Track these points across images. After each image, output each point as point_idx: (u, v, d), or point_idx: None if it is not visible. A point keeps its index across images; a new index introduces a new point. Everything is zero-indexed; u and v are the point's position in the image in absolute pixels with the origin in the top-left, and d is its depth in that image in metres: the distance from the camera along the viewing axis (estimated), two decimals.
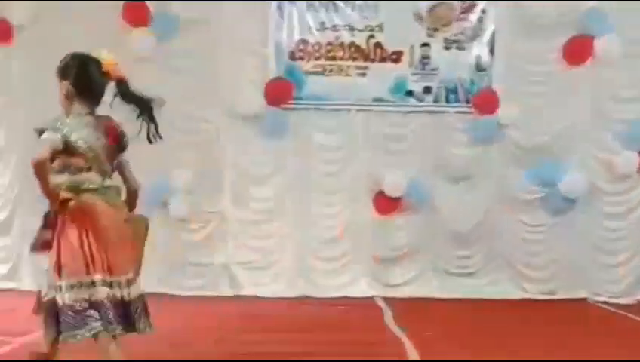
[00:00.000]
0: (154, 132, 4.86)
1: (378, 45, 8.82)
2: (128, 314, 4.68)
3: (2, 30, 8.65)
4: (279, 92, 8.76)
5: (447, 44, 8.84)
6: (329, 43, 8.83)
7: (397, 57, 8.83)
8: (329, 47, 8.84)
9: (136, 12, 8.57)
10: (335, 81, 8.85)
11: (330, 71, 8.86)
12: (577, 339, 6.71)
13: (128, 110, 4.84)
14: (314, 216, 8.89)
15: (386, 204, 8.81)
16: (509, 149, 8.84)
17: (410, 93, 8.86)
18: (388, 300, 8.46)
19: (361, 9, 8.81)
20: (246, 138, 8.81)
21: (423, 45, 8.83)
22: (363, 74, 8.85)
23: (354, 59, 8.85)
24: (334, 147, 8.89)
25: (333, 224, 8.89)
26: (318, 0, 8.79)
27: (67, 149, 4.56)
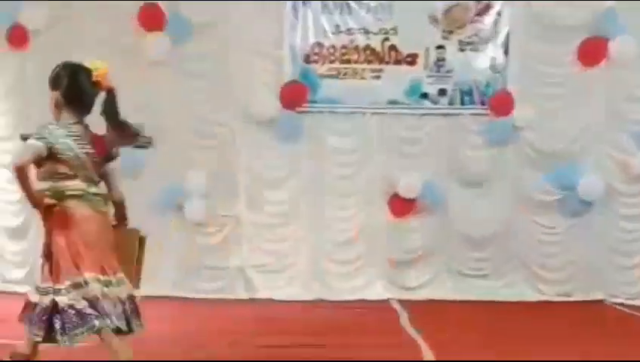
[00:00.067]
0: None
1: (393, 48, 8.81)
2: (124, 313, 4.80)
3: (18, 35, 8.68)
4: (294, 95, 8.76)
5: (461, 46, 8.81)
6: (344, 46, 8.83)
7: (412, 60, 8.81)
8: (344, 50, 8.84)
9: (151, 16, 8.59)
10: (350, 84, 8.85)
11: (344, 74, 8.85)
12: (594, 341, 6.67)
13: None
14: (329, 219, 8.88)
15: (401, 206, 8.80)
16: (524, 151, 8.81)
17: (425, 95, 8.84)
18: (403, 303, 8.45)
19: (375, 11, 8.80)
20: (261, 141, 8.81)
21: (438, 47, 8.80)
22: (378, 77, 8.84)
23: (369, 62, 8.84)
24: (349, 150, 8.87)
25: (347, 227, 8.88)
26: (332, 0, 8.80)
27: (52, 157, 4.71)
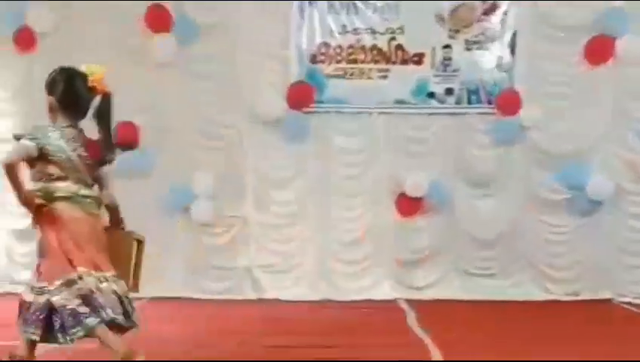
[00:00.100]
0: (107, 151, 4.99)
1: (399, 47, 8.80)
2: (122, 306, 4.82)
3: (25, 38, 8.69)
4: (301, 95, 8.77)
5: (468, 46, 8.81)
6: (350, 46, 8.83)
7: (418, 59, 8.81)
8: (350, 50, 8.84)
9: (158, 17, 8.62)
10: (356, 84, 8.85)
11: (351, 74, 8.86)
12: (602, 340, 6.64)
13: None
14: (335, 219, 8.88)
15: (408, 206, 8.78)
16: (531, 150, 8.79)
17: (431, 94, 8.83)
18: (411, 302, 8.44)
19: (382, 11, 8.80)
20: (267, 142, 8.82)
21: (445, 47, 8.80)
22: (384, 76, 8.84)
23: (375, 61, 8.84)
24: (356, 150, 8.87)
25: (354, 227, 8.88)
26: None
27: (44, 158, 4.76)
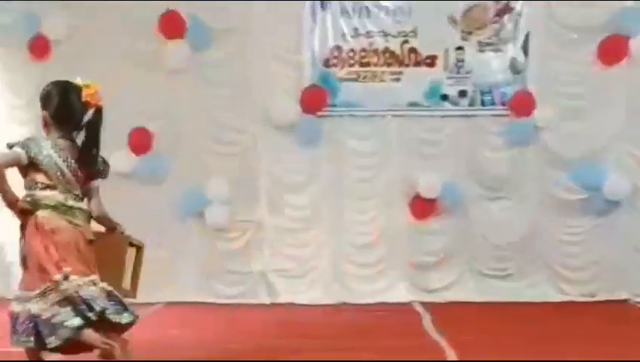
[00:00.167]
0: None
1: (412, 50, 8.79)
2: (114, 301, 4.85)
3: (40, 46, 8.71)
4: (314, 99, 8.77)
5: (481, 47, 8.79)
6: (363, 49, 8.82)
7: (431, 61, 8.80)
8: (363, 53, 8.83)
9: (171, 24, 8.64)
10: (369, 87, 8.84)
11: (364, 77, 8.85)
12: (618, 341, 6.59)
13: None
14: (349, 223, 8.87)
15: (422, 208, 8.76)
16: (545, 151, 8.75)
17: (445, 97, 8.81)
18: (426, 305, 8.43)
19: (394, 14, 8.78)
20: (281, 146, 8.83)
21: (458, 49, 8.78)
22: (397, 79, 8.83)
23: (388, 64, 8.83)
24: (369, 153, 8.86)
25: (368, 230, 8.86)
26: (351, 0, 8.79)
27: (34, 166, 4.82)
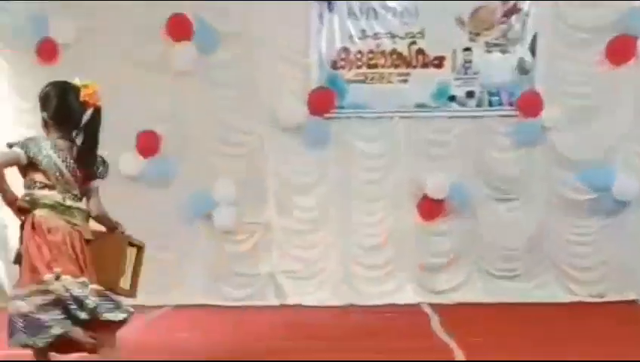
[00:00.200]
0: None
1: (420, 51, 8.78)
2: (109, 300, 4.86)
3: (48, 50, 8.72)
4: (322, 101, 8.77)
5: (488, 48, 8.78)
6: (370, 51, 8.82)
7: (439, 63, 8.79)
8: (370, 55, 8.83)
9: (178, 26, 8.66)
10: (377, 89, 8.84)
11: (371, 79, 8.85)
12: (627, 341, 6.57)
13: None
14: (357, 224, 8.87)
15: (430, 209, 8.75)
16: (553, 151, 8.73)
17: (452, 98, 8.81)
18: (434, 306, 8.43)
19: (401, 15, 8.78)
20: (288, 148, 8.83)
21: (465, 50, 8.77)
22: (405, 80, 8.82)
23: (396, 66, 8.82)
24: (377, 155, 8.86)
25: (376, 231, 8.86)
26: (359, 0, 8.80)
27: (33, 166, 4.87)
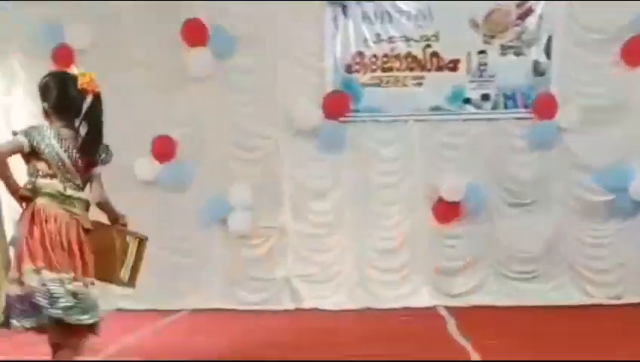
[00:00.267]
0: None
1: (434, 54, 8.78)
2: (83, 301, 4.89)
3: (64, 55, 8.72)
4: (337, 105, 8.77)
5: (503, 50, 8.76)
6: (385, 54, 8.82)
7: (454, 65, 8.78)
8: (385, 58, 8.83)
9: (194, 32, 8.68)
10: (392, 92, 8.83)
11: (386, 82, 8.85)
12: None
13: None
14: (373, 228, 8.86)
15: (445, 212, 8.74)
16: (569, 153, 8.71)
17: (467, 100, 8.80)
18: (450, 309, 8.42)
19: (416, 18, 8.78)
20: (304, 152, 8.84)
21: (480, 52, 8.76)
22: (420, 84, 8.81)
23: (410, 69, 8.82)
24: (392, 158, 8.85)
25: (392, 235, 8.85)
26: (373, 0, 8.80)
27: (36, 155, 4.94)
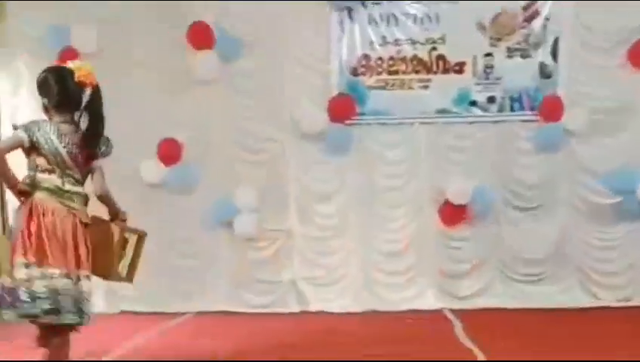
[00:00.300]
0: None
1: (440, 57, 8.77)
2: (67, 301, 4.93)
3: (70, 58, 8.53)
4: (343, 108, 8.77)
5: (510, 53, 8.74)
6: (391, 57, 8.81)
7: (460, 68, 8.76)
8: (391, 61, 8.82)
9: (200, 35, 8.67)
10: (398, 95, 8.82)
11: (392, 85, 8.84)
12: None
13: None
14: (379, 231, 8.85)
15: (452, 214, 8.72)
16: (576, 156, 8.70)
17: (474, 103, 8.78)
18: (456, 312, 8.40)
19: (422, 21, 8.77)
20: (310, 155, 8.84)
21: (486, 55, 8.74)
22: (426, 86, 8.80)
23: (416, 72, 8.81)
24: (398, 161, 8.84)
25: (397, 238, 8.84)
26: (378, 0, 8.80)
27: (35, 149, 4.97)
